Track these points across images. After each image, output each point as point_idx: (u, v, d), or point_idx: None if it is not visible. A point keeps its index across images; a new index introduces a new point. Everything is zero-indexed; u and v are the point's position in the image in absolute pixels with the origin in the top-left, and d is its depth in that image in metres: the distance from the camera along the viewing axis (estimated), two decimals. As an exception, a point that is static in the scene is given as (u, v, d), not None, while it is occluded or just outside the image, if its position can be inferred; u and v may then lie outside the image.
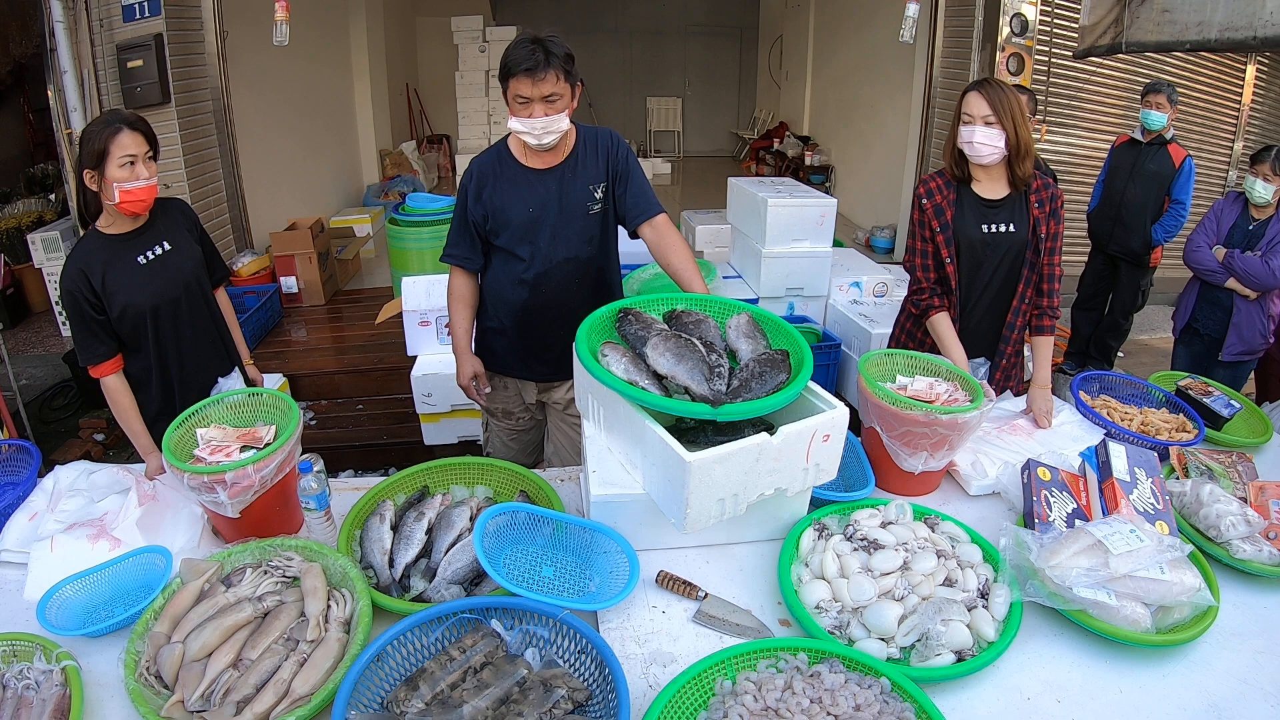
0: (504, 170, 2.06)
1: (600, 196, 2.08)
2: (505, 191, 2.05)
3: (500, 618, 1.28)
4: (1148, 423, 2.03)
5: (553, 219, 2.05)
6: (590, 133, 2.10)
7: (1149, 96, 3.94)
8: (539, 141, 1.93)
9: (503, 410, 2.37)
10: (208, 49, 4.63)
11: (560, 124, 1.91)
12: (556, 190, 2.04)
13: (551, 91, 1.85)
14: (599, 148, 2.08)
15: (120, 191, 1.83)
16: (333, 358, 4.28)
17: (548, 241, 2.06)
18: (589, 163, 2.07)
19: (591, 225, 2.10)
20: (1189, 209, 3.99)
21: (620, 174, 2.10)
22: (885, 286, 4.01)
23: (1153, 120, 3.93)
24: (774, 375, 1.49)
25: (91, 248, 1.91)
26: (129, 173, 1.83)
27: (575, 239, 2.08)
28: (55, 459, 3.34)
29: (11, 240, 5.41)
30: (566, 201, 2.05)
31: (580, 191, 2.06)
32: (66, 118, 4.09)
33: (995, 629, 1.29)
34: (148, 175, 1.87)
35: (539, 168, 2.04)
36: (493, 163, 2.08)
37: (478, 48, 9.12)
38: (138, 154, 1.84)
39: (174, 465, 1.44)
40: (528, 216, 2.05)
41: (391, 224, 4.65)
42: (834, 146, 8.27)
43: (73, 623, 1.35)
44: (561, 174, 2.05)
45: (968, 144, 2.05)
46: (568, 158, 2.05)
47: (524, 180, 2.04)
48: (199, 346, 2.11)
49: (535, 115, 1.88)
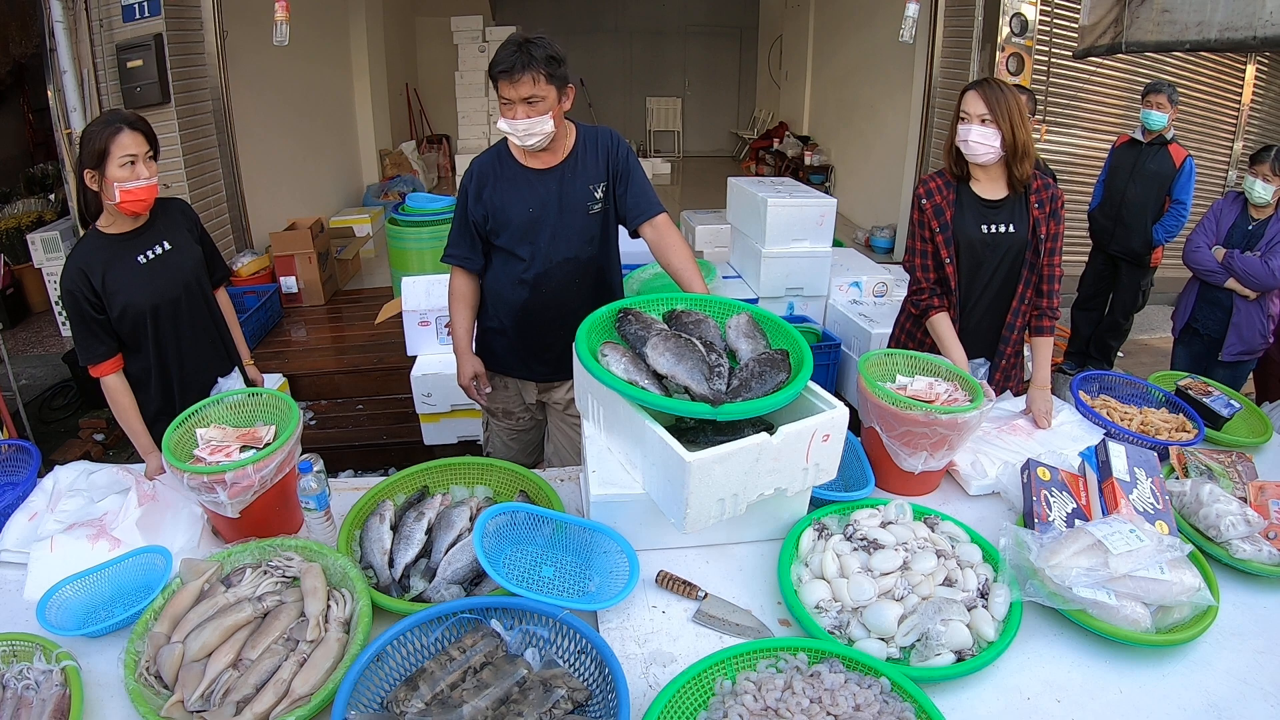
0: (504, 170, 2.06)
1: (600, 196, 2.08)
2: (505, 192, 2.05)
3: (500, 618, 1.28)
4: (1147, 423, 2.03)
5: (553, 219, 2.05)
6: (590, 132, 2.10)
7: (1149, 96, 3.94)
8: (523, 143, 1.94)
9: (503, 410, 2.36)
10: (207, 49, 4.63)
11: (543, 126, 1.91)
12: (556, 190, 2.04)
13: (531, 94, 1.85)
14: (599, 147, 2.08)
15: (121, 191, 1.83)
16: (332, 358, 4.28)
17: (548, 241, 2.06)
18: (589, 162, 2.06)
19: (592, 225, 2.10)
20: (1190, 209, 4.00)
21: (621, 173, 2.10)
22: (885, 286, 4.01)
23: (1153, 120, 3.93)
24: (774, 375, 1.49)
25: (92, 247, 1.92)
26: (129, 172, 1.83)
27: (575, 239, 2.08)
28: (55, 459, 3.34)
29: (11, 240, 5.40)
30: (566, 201, 2.05)
31: (580, 191, 2.06)
32: (66, 118, 4.09)
33: (995, 629, 1.29)
34: (148, 175, 1.87)
35: (538, 168, 2.04)
36: (493, 163, 2.08)
37: (477, 48, 9.11)
38: (138, 154, 1.84)
39: (174, 465, 1.44)
40: (527, 216, 2.04)
41: (391, 224, 4.65)
42: (834, 146, 8.27)
43: (72, 623, 1.35)
44: (561, 174, 2.05)
45: (963, 142, 2.05)
46: (567, 158, 2.05)
47: (524, 180, 2.04)
48: (199, 346, 2.11)
49: (518, 117, 1.89)
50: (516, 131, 1.91)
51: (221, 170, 4.84)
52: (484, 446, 2.53)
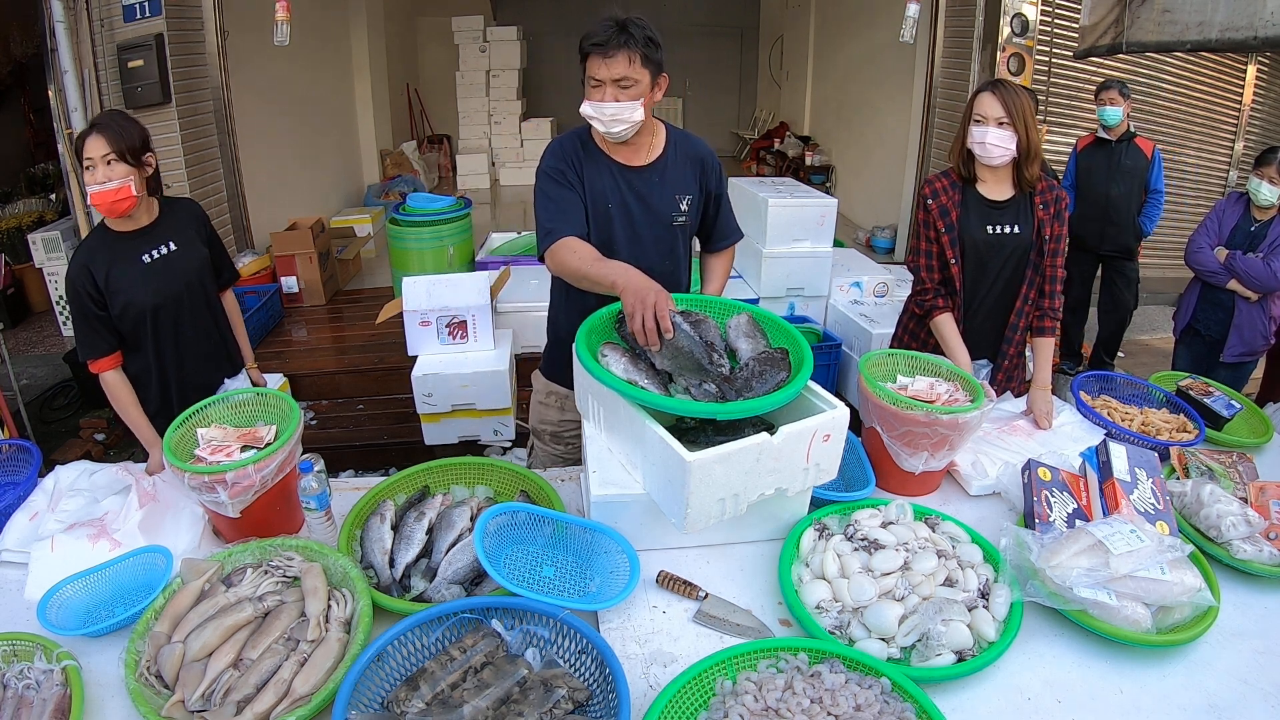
0: (588, 157, 1.87)
1: (685, 209, 1.92)
2: (591, 178, 1.86)
3: (501, 618, 1.27)
4: (1148, 423, 2.03)
5: (633, 223, 1.89)
6: (682, 138, 1.96)
7: (1102, 94, 4.10)
8: (607, 129, 1.77)
9: (551, 434, 2.18)
10: (208, 49, 4.64)
11: (632, 113, 1.74)
12: (644, 193, 1.88)
13: (624, 75, 1.70)
14: (693, 159, 1.94)
15: (90, 194, 1.86)
16: (333, 358, 4.29)
17: (625, 246, 1.87)
18: (681, 171, 1.91)
19: (671, 237, 1.94)
20: (1164, 195, 4.21)
21: (715, 195, 1.98)
22: (886, 287, 4.01)
23: (1109, 115, 4.06)
24: (774, 374, 1.49)
25: (97, 244, 1.95)
26: (90, 176, 1.85)
27: (653, 249, 1.91)
28: (56, 459, 3.35)
29: (12, 240, 5.41)
30: (651, 207, 1.89)
31: (666, 201, 1.90)
32: (67, 118, 4.09)
33: (996, 629, 1.29)
34: (105, 179, 1.84)
35: (624, 163, 1.87)
36: (575, 147, 1.88)
37: (478, 48, 9.12)
38: (94, 157, 1.84)
39: (175, 465, 1.44)
40: (606, 214, 1.86)
41: (392, 224, 4.66)
42: (834, 147, 8.26)
43: (73, 622, 1.35)
44: (649, 176, 1.88)
45: (979, 145, 2.04)
46: (658, 160, 1.89)
47: (610, 172, 1.86)
48: (199, 347, 2.12)
49: (605, 99, 1.72)
50: (603, 116, 1.74)
51: (222, 170, 4.85)
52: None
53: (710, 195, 1.99)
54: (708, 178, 1.97)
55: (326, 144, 6.93)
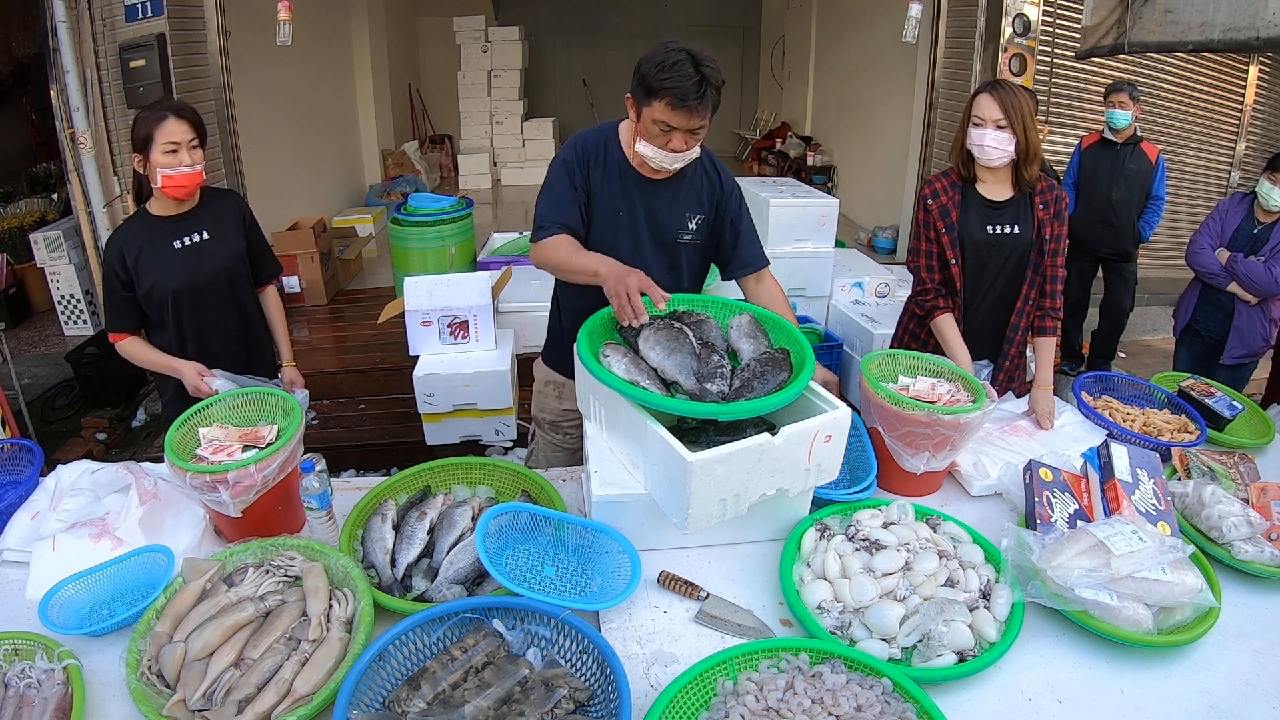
0: (608, 160, 1.85)
1: (693, 229, 1.90)
2: (604, 183, 1.85)
3: (502, 617, 1.28)
4: (1150, 424, 2.02)
5: (638, 232, 1.87)
6: (709, 160, 1.93)
7: (1112, 96, 4.08)
8: (661, 167, 1.76)
9: (550, 423, 2.20)
10: (210, 49, 4.63)
11: (694, 154, 1.75)
12: (654, 206, 1.87)
13: (701, 124, 1.68)
14: (706, 179, 1.91)
15: (163, 176, 1.95)
16: (334, 357, 4.29)
17: (629, 253, 1.84)
18: (695, 188, 1.89)
19: (674, 253, 1.92)
20: (1165, 202, 4.23)
21: (729, 222, 1.94)
22: (887, 287, 4.01)
23: (1118, 119, 4.05)
24: (775, 374, 1.49)
25: (134, 227, 2.05)
26: (173, 159, 1.94)
27: (654, 263, 1.89)
28: (57, 458, 3.35)
29: (14, 240, 5.42)
30: (658, 220, 1.88)
31: (675, 217, 1.88)
32: (69, 117, 4.10)
33: (997, 629, 1.29)
34: (189, 162, 1.96)
35: (643, 174, 1.85)
36: (599, 148, 1.85)
37: (480, 48, 9.12)
38: (181, 141, 1.94)
39: (176, 465, 1.44)
40: (616, 220, 1.86)
41: (393, 224, 4.66)
42: (836, 147, 8.26)
43: (74, 622, 1.35)
44: (664, 191, 1.86)
45: (977, 146, 2.04)
46: (675, 176, 1.87)
47: (626, 180, 1.85)
48: (221, 339, 2.16)
49: (674, 147, 1.70)
50: (666, 161, 1.72)
51: (224, 170, 4.84)
52: (527, 459, 2.39)
53: (723, 220, 1.95)
54: (722, 201, 1.93)
55: (328, 144, 6.94)
